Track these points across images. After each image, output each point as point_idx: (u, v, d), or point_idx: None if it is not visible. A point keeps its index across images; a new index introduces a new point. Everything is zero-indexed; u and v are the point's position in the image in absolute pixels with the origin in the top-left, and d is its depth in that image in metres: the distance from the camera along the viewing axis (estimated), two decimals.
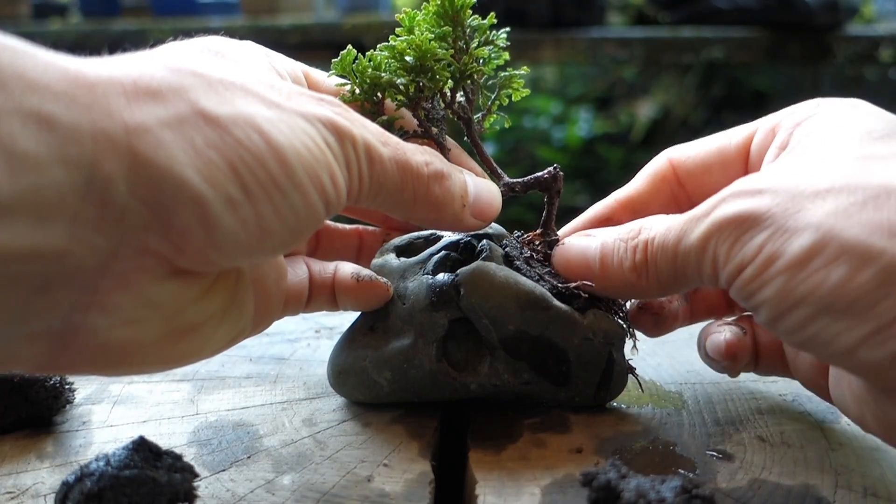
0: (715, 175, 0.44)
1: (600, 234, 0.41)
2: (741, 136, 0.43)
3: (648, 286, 0.39)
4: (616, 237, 0.40)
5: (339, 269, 0.45)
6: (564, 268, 0.43)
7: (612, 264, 0.40)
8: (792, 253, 0.31)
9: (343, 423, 0.45)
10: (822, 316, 0.30)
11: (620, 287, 0.40)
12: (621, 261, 0.39)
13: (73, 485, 0.34)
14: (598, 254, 0.41)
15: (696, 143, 0.45)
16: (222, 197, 0.28)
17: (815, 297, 0.30)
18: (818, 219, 0.31)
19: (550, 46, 2.25)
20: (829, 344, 0.31)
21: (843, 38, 2.23)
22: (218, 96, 0.30)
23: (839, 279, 0.30)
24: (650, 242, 0.38)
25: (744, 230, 0.33)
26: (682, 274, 0.37)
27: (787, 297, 0.31)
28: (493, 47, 0.45)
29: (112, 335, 0.29)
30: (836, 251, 0.30)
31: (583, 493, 0.37)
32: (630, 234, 0.39)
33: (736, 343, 0.44)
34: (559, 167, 0.45)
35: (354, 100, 0.43)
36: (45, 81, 0.26)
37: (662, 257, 0.37)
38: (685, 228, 0.36)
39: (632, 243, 0.39)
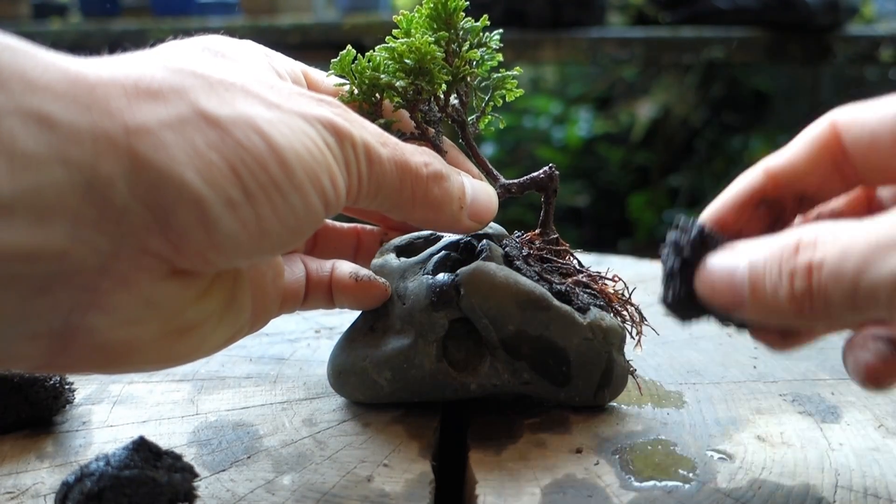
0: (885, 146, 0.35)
1: (748, 250, 0.33)
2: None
3: (814, 320, 0.31)
4: (768, 254, 0.32)
5: (336, 269, 0.45)
6: (710, 297, 0.35)
7: (765, 292, 0.32)
8: None
9: (343, 423, 0.45)
10: None
11: (781, 320, 0.32)
12: (776, 288, 0.31)
13: (73, 485, 0.34)
14: (747, 278, 0.33)
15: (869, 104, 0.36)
16: (222, 198, 0.28)
17: None
18: None
19: (550, 46, 2.25)
20: None
21: (843, 38, 2.23)
22: (218, 97, 0.30)
23: None
24: (816, 269, 0.30)
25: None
26: (862, 311, 0.29)
27: None
28: (485, 49, 0.45)
29: (112, 335, 0.29)
30: None
31: (583, 493, 0.37)
32: (785, 252, 0.31)
33: (879, 367, 0.36)
34: (555, 167, 0.45)
35: (353, 100, 0.43)
36: (46, 81, 0.26)
37: (836, 289, 0.29)
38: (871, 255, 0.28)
39: (788, 265, 0.31)
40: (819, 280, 0.30)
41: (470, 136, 0.46)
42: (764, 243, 0.33)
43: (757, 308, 0.32)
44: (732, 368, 0.52)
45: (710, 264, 0.35)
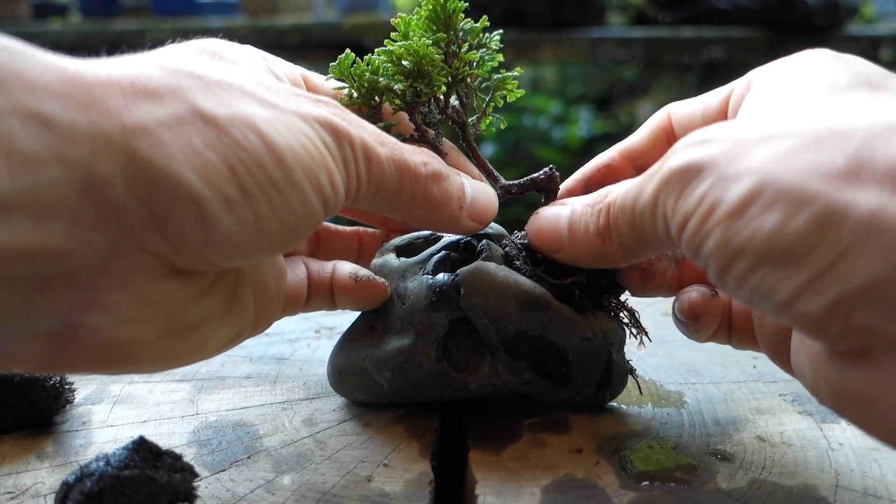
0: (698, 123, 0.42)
1: (571, 202, 0.41)
2: (723, 93, 0.42)
3: (612, 251, 0.38)
4: (585, 203, 0.39)
5: (337, 269, 0.45)
6: (536, 236, 0.42)
7: (579, 231, 0.39)
8: (730, 201, 0.29)
9: (343, 423, 0.45)
10: (761, 267, 0.28)
11: (587, 254, 0.39)
12: (587, 226, 0.38)
13: (73, 485, 0.34)
14: (568, 221, 0.40)
15: (691, 99, 0.44)
16: (220, 197, 0.28)
17: (753, 246, 0.28)
18: (758, 164, 0.29)
19: (550, 46, 2.25)
20: (770, 297, 0.28)
21: (843, 38, 2.23)
22: (216, 97, 0.30)
23: (774, 226, 0.27)
24: (612, 205, 0.37)
25: (688, 181, 0.31)
26: (641, 234, 0.35)
27: (727, 249, 0.29)
28: (485, 50, 0.45)
29: (112, 334, 0.29)
30: (772, 197, 0.28)
31: (583, 493, 0.37)
32: (597, 199, 0.38)
33: (700, 303, 0.42)
34: (555, 167, 0.45)
35: (352, 103, 0.43)
36: (44, 82, 0.26)
37: (622, 218, 0.36)
38: (641, 186, 0.34)
39: (596, 207, 0.38)
40: (613, 213, 0.37)
41: (470, 137, 0.46)
42: (584, 197, 0.40)
43: (573, 245, 0.40)
44: (732, 368, 0.52)
45: (539, 212, 0.42)
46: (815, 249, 0.26)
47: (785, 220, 0.27)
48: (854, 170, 0.26)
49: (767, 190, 0.28)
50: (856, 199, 0.26)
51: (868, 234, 0.25)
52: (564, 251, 0.41)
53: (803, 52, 0.37)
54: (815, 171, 0.27)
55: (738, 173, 0.29)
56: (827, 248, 0.26)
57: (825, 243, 0.26)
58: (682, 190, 0.31)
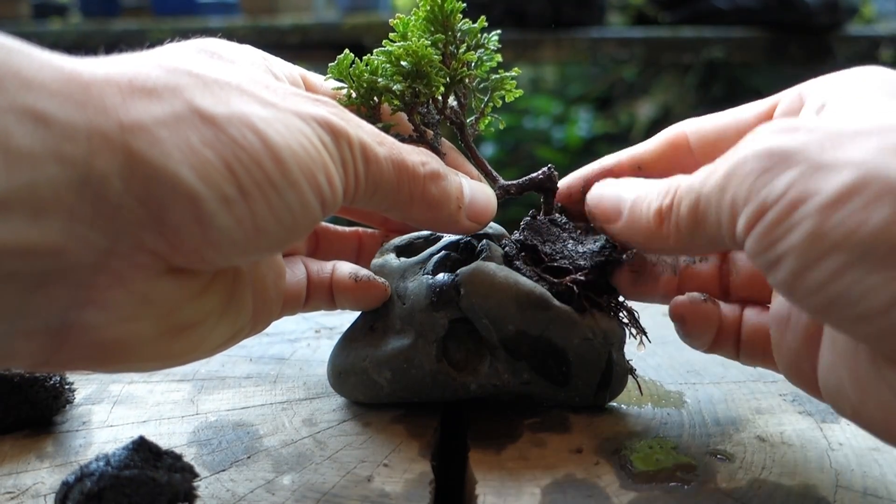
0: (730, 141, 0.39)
1: (641, 184, 0.40)
2: (762, 107, 0.40)
3: (668, 234, 0.36)
4: (651, 186, 0.38)
5: (336, 269, 0.45)
6: (596, 203, 0.41)
7: (640, 209, 0.38)
8: (828, 191, 0.27)
9: (343, 423, 0.45)
10: (858, 265, 0.26)
11: (642, 234, 0.38)
12: (650, 204, 0.37)
13: (73, 485, 0.34)
14: (633, 197, 0.39)
15: (710, 115, 0.43)
16: (217, 195, 0.28)
17: (853, 241, 0.26)
18: (861, 156, 0.27)
19: (550, 46, 2.25)
20: (858, 302, 0.26)
21: (843, 38, 2.23)
22: (214, 96, 0.30)
23: (882, 220, 0.25)
24: (679, 187, 0.35)
25: (771, 166, 0.29)
26: (701, 223, 0.33)
27: (819, 243, 0.27)
28: (483, 50, 0.45)
29: (109, 332, 0.29)
30: (880, 190, 0.26)
31: (583, 492, 0.37)
32: (667, 182, 0.37)
33: (687, 305, 0.41)
34: (553, 167, 0.45)
35: (351, 103, 0.43)
36: (41, 79, 0.26)
37: (686, 201, 0.34)
38: (712, 170, 0.33)
39: (666, 188, 0.36)
40: (678, 195, 0.35)
41: (469, 137, 0.46)
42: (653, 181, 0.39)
43: (631, 220, 0.39)
44: (732, 368, 0.52)
45: (604, 183, 0.42)
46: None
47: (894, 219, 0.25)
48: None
49: (875, 182, 0.26)
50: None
51: None
52: (620, 225, 0.40)
53: (856, 68, 0.36)
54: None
55: (836, 163, 0.27)
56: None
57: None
58: (762, 175, 0.29)
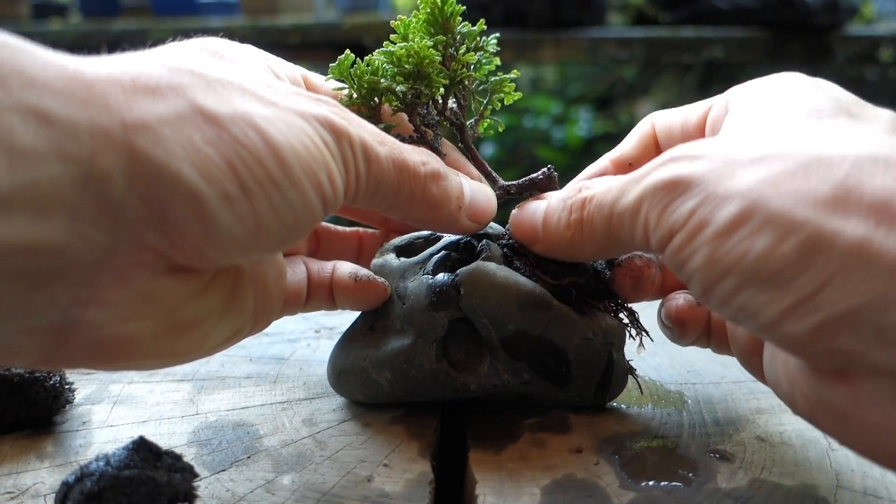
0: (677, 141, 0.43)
1: (549, 196, 0.42)
2: (702, 108, 0.43)
3: (582, 244, 0.38)
4: (559, 197, 0.41)
5: (337, 269, 0.45)
6: (516, 228, 0.43)
7: (552, 223, 0.40)
8: (720, 221, 0.30)
9: (343, 423, 0.45)
10: (748, 287, 0.29)
11: (558, 245, 0.40)
12: (559, 219, 0.39)
13: (73, 485, 0.34)
14: (542, 214, 0.41)
15: (673, 109, 0.45)
16: (219, 193, 0.28)
17: (741, 267, 0.29)
18: (747, 186, 0.29)
19: (550, 46, 2.25)
20: (755, 316, 0.29)
21: (843, 38, 2.23)
22: (216, 95, 0.30)
23: (763, 249, 0.28)
24: (588, 201, 0.37)
25: (676, 195, 0.32)
26: (616, 236, 0.36)
27: (715, 267, 0.30)
28: (482, 53, 0.45)
29: (110, 330, 0.29)
30: (761, 220, 0.29)
31: (583, 492, 0.37)
32: (570, 193, 0.40)
33: (686, 310, 0.43)
34: (553, 168, 0.45)
35: (352, 104, 0.43)
36: (44, 78, 0.26)
37: (598, 216, 0.37)
38: (622, 189, 0.35)
39: (569, 201, 0.39)
40: (589, 210, 0.37)
41: (468, 138, 0.46)
42: (560, 191, 0.41)
43: (546, 237, 0.41)
44: (732, 368, 0.52)
45: (521, 205, 0.44)
46: (802, 274, 0.27)
47: (774, 245, 0.28)
48: (841, 199, 0.27)
49: (757, 213, 0.29)
50: (843, 227, 0.27)
51: (853, 262, 0.26)
52: (540, 244, 0.42)
53: (780, 74, 0.39)
54: (804, 198, 0.28)
55: (728, 194, 0.30)
56: (814, 273, 0.27)
57: (812, 269, 0.27)
58: (669, 203, 0.32)
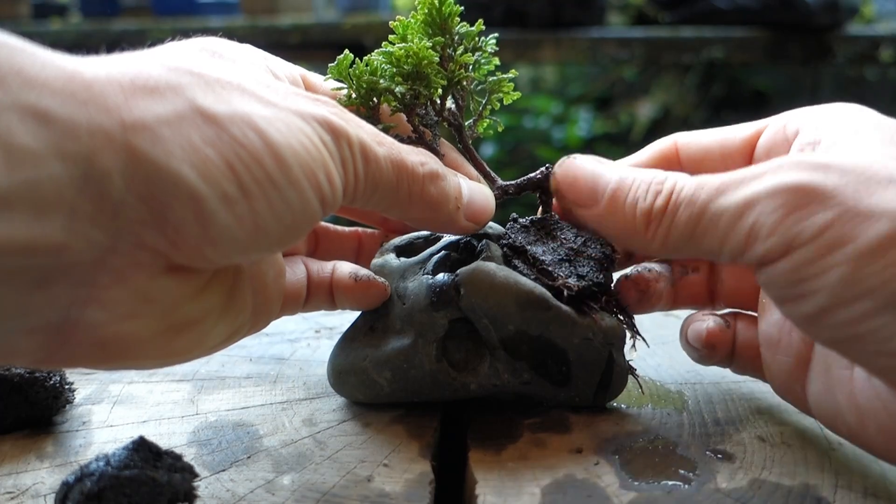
0: (713, 163, 0.42)
1: (620, 167, 0.38)
2: (747, 131, 0.41)
3: (653, 239, 0.35)
4: (640, 175, 0.37)
5: (336, 269, 0.45)
6: (568, 185, 0.39)
7: (623, 200, 0.36)
8: (866, 239, 0.28)
9: (343, 423, 0.45)
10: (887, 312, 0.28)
11: (622, 229, 0.37)
12: (636, 200, 0.36)
13: (73, 485, 0.34)
14: (614, 185, 0.37)
15: (703, 131, 0.44)
16: (218, 193, 0.29)
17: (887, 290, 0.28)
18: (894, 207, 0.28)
19: (550, 46, 2.25)
20: (886, 341, 0.28)
21: (843, 38, 2.23)
22: (215, 95, 0.30)
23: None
24: (677, 191, 0.34)
25: (803, 204, 0.29)
26: (699, 237, 0.33)
27: (853, 287, 0.28)
28: (481, 53, 0.45)
29: (110, 330, 0.29)
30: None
31: (583, 493, 0.37)
32: (655, 177, 0.36)
33: (717, 333, 0.43)
34: (551, 167, 0.45)
35: (350, 104, 0.43)
36: (43, 78, 0.26)
37: (686, 211, 0.33)
38: (723, 187, 0.32)
39: (656, 186, 0.35)
40: (675, 201, 0.34)
41: (467, 139, 0.46)
42: (638, 168, 0.38)
43: (610, 212, 0.37)
44: None
45: (577, 159, 0.40)
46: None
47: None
48: None
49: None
50: None
51: None
52: (595, 212, 0.38)
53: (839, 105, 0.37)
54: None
55: (873, 212, 0.28)
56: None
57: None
58: (793, 211, 0.30)
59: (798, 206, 0.30)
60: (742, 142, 0.41)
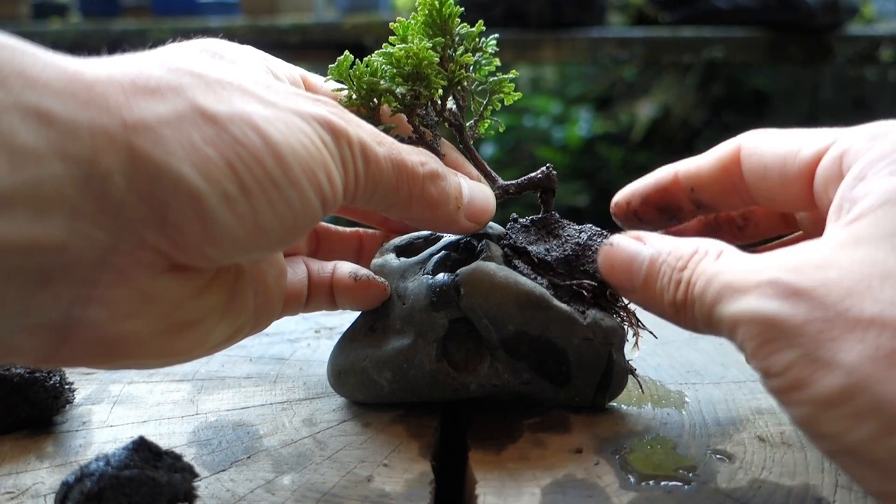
0: (773, 185, 0.40)
1: (653, 243, 0.38)
2: (809, 151, 0.37)
3: (685, 325, 0.36)
4: (667, 254, 0.36)
5: (337, 269, 0.45)
6: (608, 272, 0.40)
7: (655, 287, 0.37)
8: (820, 390, 0.28)
9: (343, 423, 0.45)
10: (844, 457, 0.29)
11: (660, 314, 0.37)
12: (663, 290, 0.36)
13: (73, 485, 0.34)
14: (645, 268, 0.37)
15: (771, 136, 0.40)
16: (219, 193, 0.29)
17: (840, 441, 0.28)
18: (853, 360, 0.28)
19: (550, 46, 2.25)
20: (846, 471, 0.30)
21: (843, 38, 2.23)
22: (216, 95, 0.30)
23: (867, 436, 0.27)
24: (692, 285, 0.34)
25: (772, 337, 0.30)
26: (715, 332, 0.34)
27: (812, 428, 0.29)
28: (481, 54, 0.45)
29: (111, 329, 0.29)
30: (867, 405, 0.27)
31: (583, 493, 0.37)
32: (680, 262, 0.36)
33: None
34: (552, 167, 0.45)
35: (351, 104, 0.43)
36: (44, 79, 0.26)
37: (699, 310, 0.34)
38: (723, 293, 0.32)
39: (677, 275, 0.35)
40: (690, 297, 0.34)
41: (468, 139, 0.46)
42: (668, 241, 0.37)
43: (645, 298, 0.38)
44: (732, 368, 0.52)
45: (615, 243, 0.39)
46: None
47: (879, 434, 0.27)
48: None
49: (862, 396, 0.27)
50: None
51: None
52: (637, 297, 0.39)
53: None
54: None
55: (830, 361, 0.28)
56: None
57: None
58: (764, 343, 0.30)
59: (768, 339, 0.30)
60: (801, 166, 0.38)
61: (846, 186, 0.34)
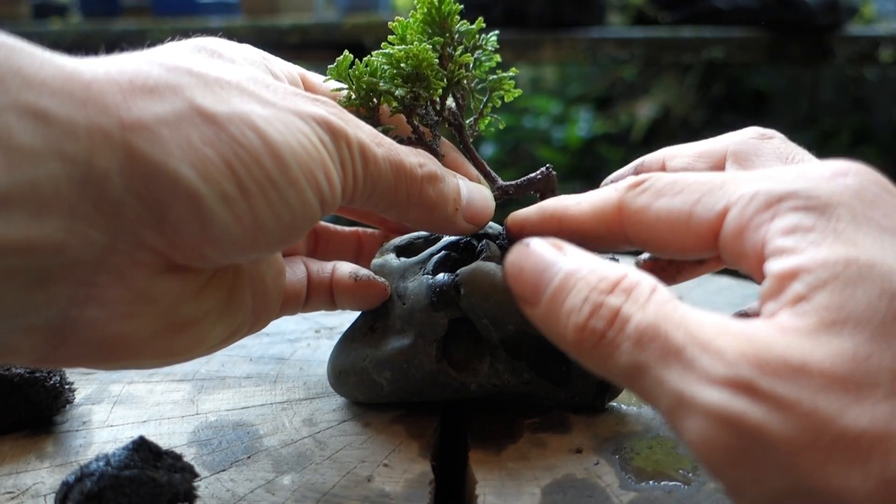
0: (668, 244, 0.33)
1: (573, 255, 0.31)
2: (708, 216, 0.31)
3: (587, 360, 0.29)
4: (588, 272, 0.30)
5: (336, 269, 0.45)
6: (514, 275, 0.32)
7: (562, 305, 0.30)
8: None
9: (343, 423, 0.45)
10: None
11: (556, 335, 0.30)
12: (572, 310, 0.29)
13: (73, 485, 0.34)
14: (558, 281, 0.30)
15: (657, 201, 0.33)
16: (217, 193, 0.29)
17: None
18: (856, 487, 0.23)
19: (550, 46, 2.25)
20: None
21: (843, 38, 2.23)
22: (214, 94, 0.30)
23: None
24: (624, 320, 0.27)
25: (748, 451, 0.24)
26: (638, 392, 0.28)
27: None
28: (481, 52, 0.45)
29: (109, 329, 0.29)
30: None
31: (583, 493, 0.37)
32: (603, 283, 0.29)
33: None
34: (552, 167, 0.45)
35: (350, 104, 0.43)
36: (42, 78, 0.26)
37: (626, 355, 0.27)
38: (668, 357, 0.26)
39: (597, 296, 0.28)
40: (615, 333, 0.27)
41: (467, 139, 0.46)
42: (590, 259, 0.30)
43: (546, 315, 0.30)
44: None
45: (533, 245, 0.32)
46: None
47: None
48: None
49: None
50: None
51: None
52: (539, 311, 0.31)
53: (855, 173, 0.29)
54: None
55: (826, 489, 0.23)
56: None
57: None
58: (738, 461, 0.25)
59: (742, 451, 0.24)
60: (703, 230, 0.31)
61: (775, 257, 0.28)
